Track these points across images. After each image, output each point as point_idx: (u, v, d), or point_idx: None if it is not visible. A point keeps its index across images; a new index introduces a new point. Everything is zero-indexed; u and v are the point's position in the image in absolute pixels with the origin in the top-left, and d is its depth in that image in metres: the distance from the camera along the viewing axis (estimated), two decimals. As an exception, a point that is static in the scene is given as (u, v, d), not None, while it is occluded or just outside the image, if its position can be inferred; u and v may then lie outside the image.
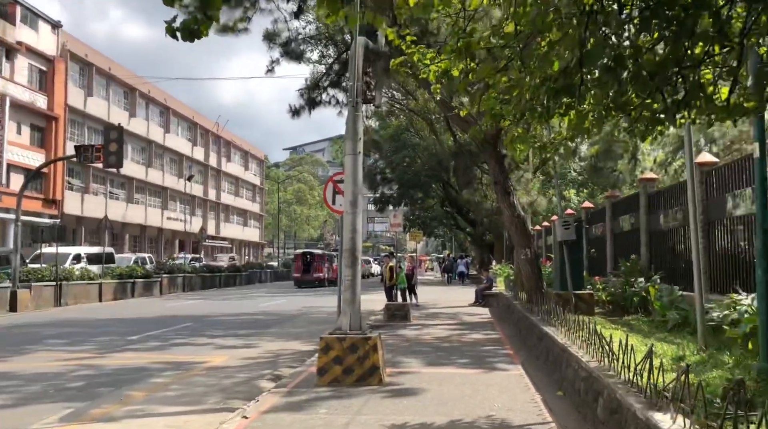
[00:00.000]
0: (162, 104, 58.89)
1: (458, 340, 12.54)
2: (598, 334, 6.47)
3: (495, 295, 20.55)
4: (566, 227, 12.26)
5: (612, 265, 16.51)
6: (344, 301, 8.52)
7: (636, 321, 11.52)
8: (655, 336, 9.26)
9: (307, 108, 20.16)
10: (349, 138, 8.68)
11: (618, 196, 17.02)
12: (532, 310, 12.02)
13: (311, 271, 40.54)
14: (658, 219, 12.78)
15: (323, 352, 8.19)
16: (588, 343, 6.99)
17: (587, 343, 7.03)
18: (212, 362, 10.91)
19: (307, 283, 39.77)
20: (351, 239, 8.54)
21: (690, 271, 11.38)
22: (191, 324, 16.98)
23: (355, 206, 8.55)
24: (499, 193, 15.56)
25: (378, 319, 16.33)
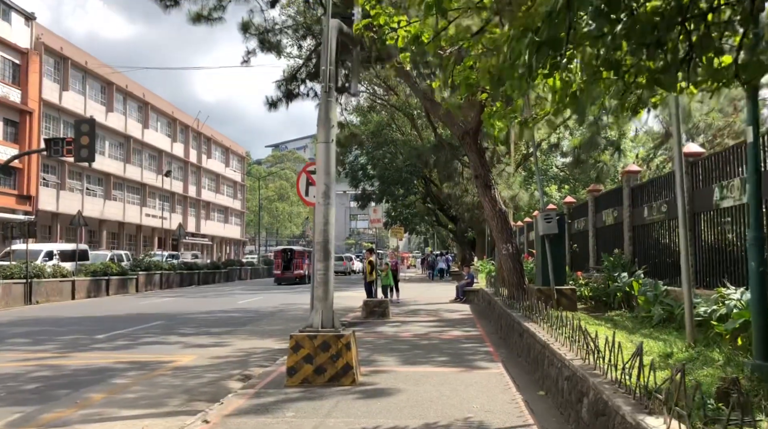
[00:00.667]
0: (140, 99, 57.97)
1: (437, 338, 12.16)
2: (582, 331, 6.10)
3: (476, 291, 20.20)
4: (548, 221, 11.90)
5: (595, 260, 16.23)
6: (316, 297, 8.09)
7: (619, 317, 11.20)
8: (640, 332, 8.93)
9: (284, 100, 19.67)
10: (322, 125, 8.24)
11: (600, 190, 16.74)
12: (513, 306, 11.66)
13: (291, 268, 40.03)
14: (641, 212, 12.48)
15: (293, 351, 7.75)
16: (571, 340, 6.62)
17: (570, 340, 6.67)
18: (180, 362, 10.43)
19: (287, 280, 39.38)
20: (323, 232, 8.11)
21: (675, 265, 11.10)
22: (163, 322, 16.44)
23: (327, 197, 8.12)
24: (480, 186, 15.19)
25: (357, 316, 15.91)
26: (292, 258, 40.77)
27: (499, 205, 15.00)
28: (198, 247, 71.35)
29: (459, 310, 18.37)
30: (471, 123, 15.34)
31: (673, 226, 10.96)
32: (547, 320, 8.23)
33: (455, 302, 21.03)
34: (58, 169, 46.36)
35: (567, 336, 6.87)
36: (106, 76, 51.41)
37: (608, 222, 14.96)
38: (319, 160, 8.20)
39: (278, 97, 19.63)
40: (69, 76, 46.87)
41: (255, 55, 18.31)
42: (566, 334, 6.93)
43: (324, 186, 8.13)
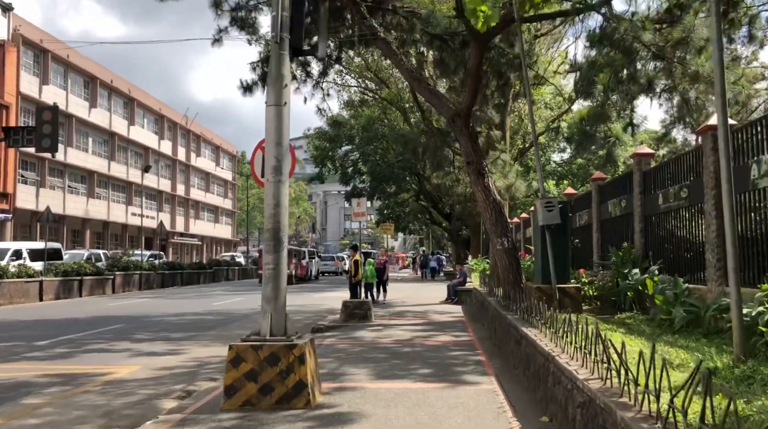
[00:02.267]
0: (126, 95, 56.27)
1: (422, 344, 10.58)
2: (601, 340, 4.53)
3: (469, 291, 18.64)
4: (550, 209, 10.36)
5: (599, 256, 14.69)
6: (264, 297, 6.52)
7: (632, 320, 9.66)
8: (662, 339, 7.38)
9: (260, 84, 18.04)
10: (272, 84, 6.69)
11: (605, 178, 15.19)
12: (510, 307, 10.11)
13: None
14: (656, 200, 10.93)
15: (233, 365, 6.18)
16: (584, 352, 5.07)
17: (583, 353, 5.12)
18: (117, 374, 8.85)
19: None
20: (273, 216, 6.54)
21: (697, 259, 9.56)
22: (123, 325, 14.85)
23: (279, 173, 6.55)
24: (472, 174, 13.62)
25: (335, 319, 14.34)
26: None
27: (493, 195, 13.43)
28: (187, 248, 69.76)
29: (449, 311, 16.80)
30: (462, 103, 13.79)
31: (695, 213, 9.42)
32: (551, 325, 6.68)
33: (446, 303, 19.47)
34: (37, 166, 44.66)
35: (578, 346, 5.32)
36: (89, 70, 49.75)
37: (615, 213, 13.42)
38: (269, 127, 6.63)
39: (254, 81, 18.00)
40: (49, 69, 45.19)
41: (227, 33, 16.65)
42: (577, 344, 5.38)
43: (274, 160, 6.56)
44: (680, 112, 20.40)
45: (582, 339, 5.24)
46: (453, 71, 16.57)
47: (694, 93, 13.85)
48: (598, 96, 9.10)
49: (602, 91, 8.98)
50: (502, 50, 15.04)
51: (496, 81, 15.21)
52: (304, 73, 18.35)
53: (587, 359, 4.97)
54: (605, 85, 8.95)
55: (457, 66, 16.14)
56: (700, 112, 18.29)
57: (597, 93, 9.07)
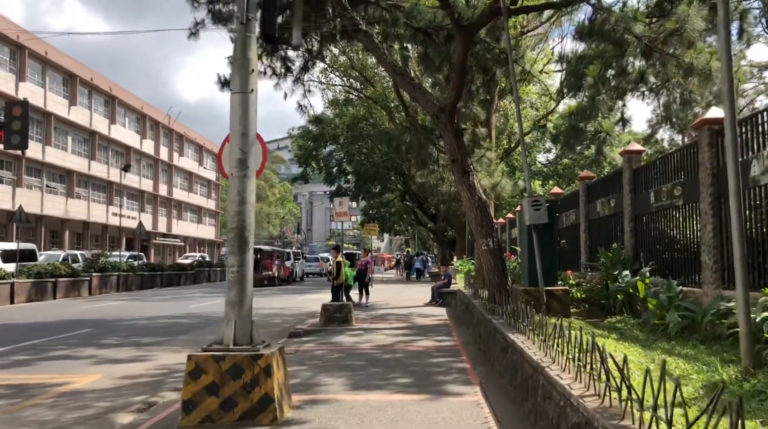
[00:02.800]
0: (106, 93, 55.26)
1: (403, 350, 10.05)
2: (600, 351, 4.02)
3: (453, 292, 18.16)
4: (537, 208, 9.87)
5: (587, 257, 14.26)
6: (228, 303, 5.97)
7: (623, 324, 9.20)
8: (657, 346, 6.91)
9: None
10: (237, 69, 6.14)
11: (593, 177, 14.76)
12: (495, 310, 9.62)
13: (259, 270, 37.83)
14: (647, 199, 10.49)
15: (192, 378, 5.61)
16: (577, 364, 4.57)
17: (576, 364, 4.61)
18: (75, 384, 8.24)
19: (256, 281, 36.77)
20: (238, 214, 5.99)
21: (691, 261, 9.12)
22: (92, 330, 14.19)
23: (244, 167, 6.00)
24: (457, 172, 13.13)
25: (314, 324, 13.78)
26: (261, 259, 38.76)
27: (479, 194, 12.95)
28: (169, 248, 68.83)
29: (433, 314, 16.29)
30: (446, 99, 13.30)
31: (689, 212, 8.97)
32: (540, 331, 6.18)
33: (430, 305, 18.97)
34: (14, 165, 43.65)
35: (571, 357, 4.81)
36: (68, 68, 48.78)
37: (603, 213, 12.99)
38: (234, 116, 6.08)
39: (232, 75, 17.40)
40: (26, 66, 44.18)
41: (204, 26, 16.02)
42: (570, 354, 4.87)
43: (239, 152, 6.01)
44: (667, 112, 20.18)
45: (575, 349, 4.74)
46: (438, 68, 16.07)
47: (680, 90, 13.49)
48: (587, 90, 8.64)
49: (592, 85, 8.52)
50: (488, 45, 14.57)
51: (481, 76, 14.74)
52: (284, 67, 17.76)
53: (581, 372, 4.47)
54: (595, 77, 8.50)
55: (441, 61, 15.65)
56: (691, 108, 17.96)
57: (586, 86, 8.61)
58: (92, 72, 53.19)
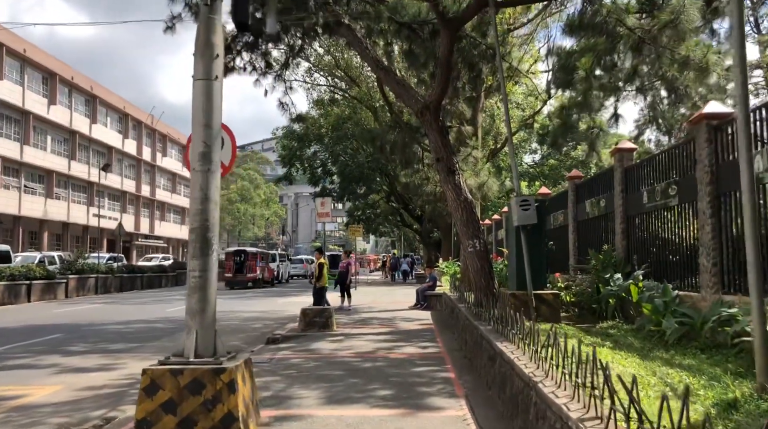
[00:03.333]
0: (87, 92, 54.33)
1: (385, 357, 9.53)
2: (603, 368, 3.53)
3: (439, 295, 17.66)
4: (525, 208, 9.39)
5: (576, 259, 13.83)
6: (189, 311, 5.42)
7: (616, 330, 8.74)
8: (655, 356, 6.44)
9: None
10: (200, 53, 5.60)
11: (582, 176, 14.33)
12: (481, 315, 9.13)
13: (244, 271, 37.56)
14: (639, 198, 10.05)
15: (147, 395, 5.06)
16: (575, 381, 4.07)
17: (574, 381, 4.12)
18: (31, 396, 7.65)
19: (240, 283, 37.00)
20: (200, 212, 5.45)
21: (687, 263, 8.68)
22: (60, 335, 13.56)
23: (207, 161, 5.46)
24: (442, 172, 12.63)
25: (293, 329, 13.22)
26: (245, 260, 38.51)
27: (464, 194, 12.46)
28: (152, 250, 67.87)
29: (418, 318, 15.78)
30: (431, 95, 12.81)
31: (685, 212, 8.53)
32: (530, 340, 5.69)
33: (415, 309, 18.46)
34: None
35: (568, 372, 4.32)
36: (48, 66, 47.83)
37: (593, 213, 12.56)
38: (197, 105, 5.54)
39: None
40: (4, 63, 43.23)
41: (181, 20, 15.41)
42: (566, 369, 4.38)
43: (202, 145, 5.47)
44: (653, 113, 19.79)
45: (572, 362, 4.25)
46: (423, 65, 15.60)
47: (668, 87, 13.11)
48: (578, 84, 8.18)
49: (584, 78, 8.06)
50: (474, 40, 14.11)
51: (467, 73, 14.27)
52: (265, 63, 17.21)
53: (579, 390, 3.98)
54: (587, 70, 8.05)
55: (426, 58, 15.18)
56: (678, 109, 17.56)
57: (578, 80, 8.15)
58: (73, 71, 52.24)
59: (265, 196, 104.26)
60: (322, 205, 18.45)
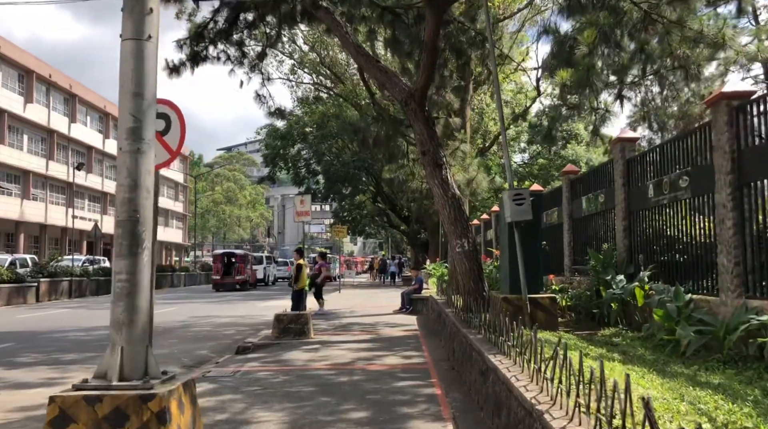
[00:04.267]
0: (66, 91, 52.92)
1: (364, 370, 8.53)
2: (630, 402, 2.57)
3: (425, 299, 16.69)
4: (519, 203, 8.45)
5: (571, 260, 12.92)
6: (113, 323, 4.41)
7: (620, 338, 7.82)
8: (676, 371, 5.50)
9: (188, 64, 15.84)
10: (129, 10, 4.58)
11: (577, 171, 13.41)
12: (471, 322, 8.17)
13: (232, 274, 37.30)
14: (644, 192, 9.14)
15: (53, 427, 4.04)
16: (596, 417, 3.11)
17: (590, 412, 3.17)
18: (-51, 420, 6.59)
19: (227, 285, 36.58)
20: (128, 202, 4.44)
21: (701, 263, 7.77)
22: (12, 344, 12.47)
23: (138, 138, 4.46)
24: (428, 166, 11.68)
25: (267, 336, 12.20)
26: (233, 263, 38.13)
27: (452, 190, 11.53)
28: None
29: (403, 323, 14.78)
30: (416, 83, 11.87)
31: (700, 205, 7.62)
32: (529, 353, 4.75)
33: (400, 313, 17.47)
34: (-38, 165, 41.32)
35: (584, 402, 3.36)
36: (25, 63, 46.46)
37: (590, 210, 11.64)
38: (125, 71, 4.53)
39: (181, 61, 15.78)
40: (-23, 60, 41.92)
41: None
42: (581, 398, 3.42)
43: (131, 118, 4.46)
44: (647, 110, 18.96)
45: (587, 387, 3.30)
46: (407, 54, 14.67)
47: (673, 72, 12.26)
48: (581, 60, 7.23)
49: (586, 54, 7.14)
50: (462, 25, 13.19)
51: (455, 60, 13.34)
52: (240, 52, 16.20)
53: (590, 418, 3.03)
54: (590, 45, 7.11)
55: (411, 45, 14.23)
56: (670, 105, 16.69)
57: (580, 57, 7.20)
58: (51, 68, 50.86)
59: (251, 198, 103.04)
60: (302, 203, 17.42)
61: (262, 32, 16.11)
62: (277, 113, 17.17)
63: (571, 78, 7.01)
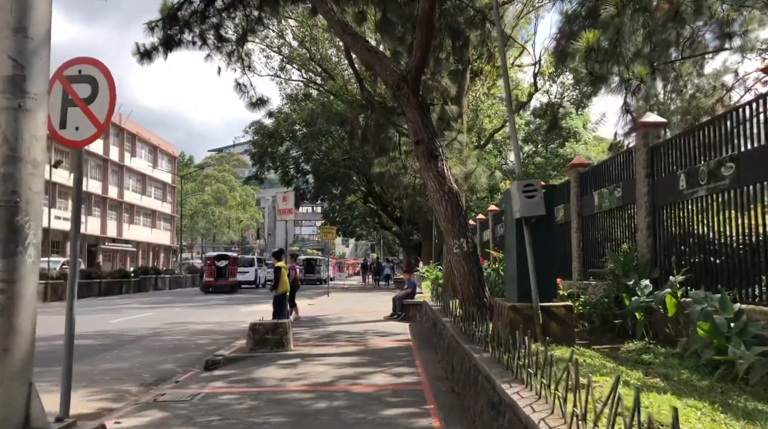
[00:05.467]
0: (48, 87, 51.34)
1: (347, 392, 7.23)
2: None
3: (418, 304, 15.41)
4: (530, 195, 7.19)
5: (581, 262, 11.68)
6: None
7: (652, 355, 6.55)
8: (748, 408, 4.24)
9: (161, 49, 14.53)
10: None
11: (587, 164, 12.16)
12: (473, 335, 6.91)
13: (226, 276, 37.31)
14: (674, 183, 7.89)
15: None
16: None
17: None
18: None
19: (219, 287, 36.63)
20: (5, 180, 3.15)
21: (748, 267, 6.53)
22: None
23: (20, 91, 3.18)
24: (423, 157, 10.42)
25: (242, 347, 10.89)
26: (226, 265, 37.84)
27: (449, 184, 10.27)
28: (120, 255, 64.99)
29: (394, 332, 13.49)
30: (409, 64, 10.61)
31: (748, 196, 6.37)
32: (562, 385, 3.50)
33: (391, 319, 16.17)
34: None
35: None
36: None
37: (604, 206, 10.40)
38: None
39: (153, 45, 14.46)
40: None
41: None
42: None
43: (10, 63, 3.18)
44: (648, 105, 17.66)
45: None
46: (399, 38, 13.42)
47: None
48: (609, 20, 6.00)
49: (615, 15, 5.91)
50: (461, 2, 11.95)
51: (452, 41, 12.09)
52: (218, 37, 14.91)
53: None
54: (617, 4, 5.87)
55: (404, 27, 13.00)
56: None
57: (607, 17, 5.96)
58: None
59: (241, 199, 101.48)
60: (284, 199, 16.11)
61: (242, 14, 14.83)
62: (260, 103, 15.80)
63: (597, 42, 5.79)
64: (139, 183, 69.68)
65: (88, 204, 58.35)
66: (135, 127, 67.87)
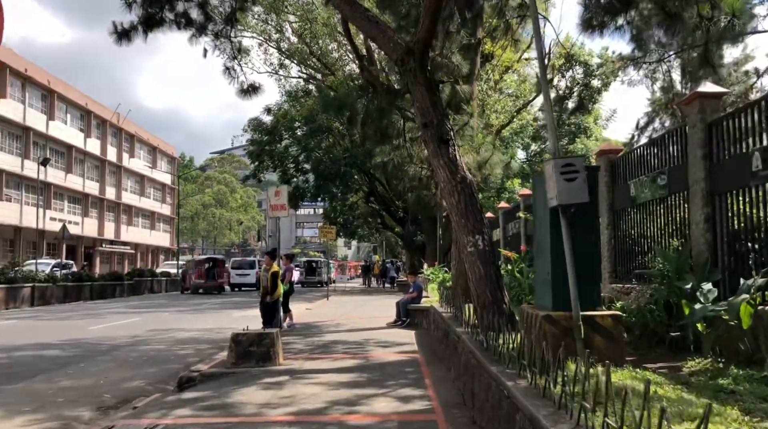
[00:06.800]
0: (43, 86, 50.03)
1: (341, 424, 5.76)
2: None
3: (424, 310, 13.92)
4: (570, 178, 5.76)
5: (611, 263, 10.22)
6: None
7: (732, 379, 5.10)
8: None
9: (141, 28, 13.12)
10: None
11: (618, 150, 10.70)
12: (500, 354, 5.48)
13: (215, 277, 37.89)
14: (743, 165, 6.43)
15: None
16: None
17: None
18: None
19: (208, 288, 37.26)
20: None
21: None
22: None
23: None
24: (431, 142, 8.97)
25: (223, 361, 9.43)
26: (213, 267, 38.15)
27: (462, 172, 8.82)
28: (118, 257, 63.63)
29: (398, 341, 12.00)
30: (416, 36, 9.17)
31: None
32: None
33: (395, 326, 14.70)
34: (-75, 162, 38.41)
35: None
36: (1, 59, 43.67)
37: (644, 197, 8.93)
38: None
39: (132, 24, 13.06)
40: (-57, 51, 39.05)
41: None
42: None
43: None
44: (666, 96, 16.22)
45: None
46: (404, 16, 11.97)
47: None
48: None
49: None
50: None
51: (463, 13, 10.65)
52: (204, 15, 13.50)
53: None
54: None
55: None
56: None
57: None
58: (26, 62, 48.04)
59: (242, 201, 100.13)
60: (277, 194, 14.67)
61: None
62: (251, 90, 14.35)
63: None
64: (137, 184, 68.37)
65: (85, 205, 57.02)
66: (134, 128, 66.60)
